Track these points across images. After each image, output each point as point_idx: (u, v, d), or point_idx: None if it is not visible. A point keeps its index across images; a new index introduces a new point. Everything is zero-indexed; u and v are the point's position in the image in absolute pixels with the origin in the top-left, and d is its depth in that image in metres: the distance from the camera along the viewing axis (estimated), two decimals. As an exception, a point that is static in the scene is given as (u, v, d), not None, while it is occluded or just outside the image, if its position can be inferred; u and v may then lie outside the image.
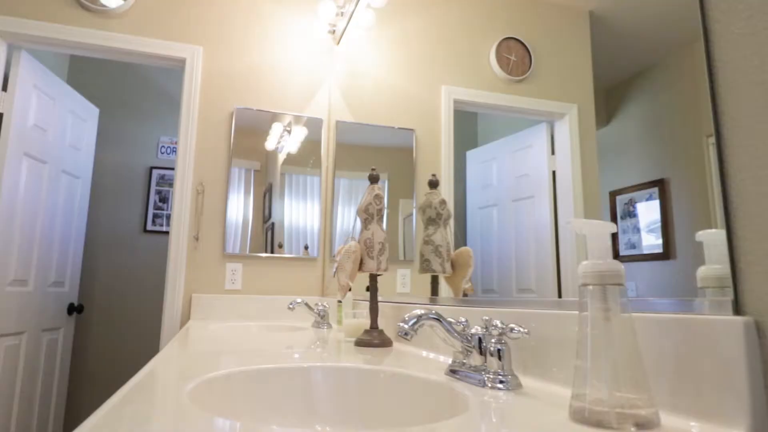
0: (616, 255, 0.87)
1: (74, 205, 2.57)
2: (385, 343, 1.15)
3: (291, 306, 1.76)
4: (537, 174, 1.21)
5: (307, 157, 2.32)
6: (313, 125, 2.33)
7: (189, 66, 2.19)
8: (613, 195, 0.92)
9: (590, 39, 1.03)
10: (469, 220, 1.44)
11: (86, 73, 3.05)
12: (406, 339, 0.68)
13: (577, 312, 0.67)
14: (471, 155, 1.63)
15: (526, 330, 0.64)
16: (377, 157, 2.21)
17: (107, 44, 2.11)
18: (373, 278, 1.22)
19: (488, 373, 0.68)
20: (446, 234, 1.24)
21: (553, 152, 1.15)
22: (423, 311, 0.71)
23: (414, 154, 1.84)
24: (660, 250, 0.72)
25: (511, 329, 0.65)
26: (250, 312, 2.08)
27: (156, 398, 0.58)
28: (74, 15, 2.10)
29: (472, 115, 1.58)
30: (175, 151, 3.15)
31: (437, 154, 1.71)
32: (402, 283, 1.76)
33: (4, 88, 2.07)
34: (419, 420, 0.68)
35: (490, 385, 0.66)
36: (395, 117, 1.95)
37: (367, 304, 1.53)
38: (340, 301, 1.59)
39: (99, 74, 3.07)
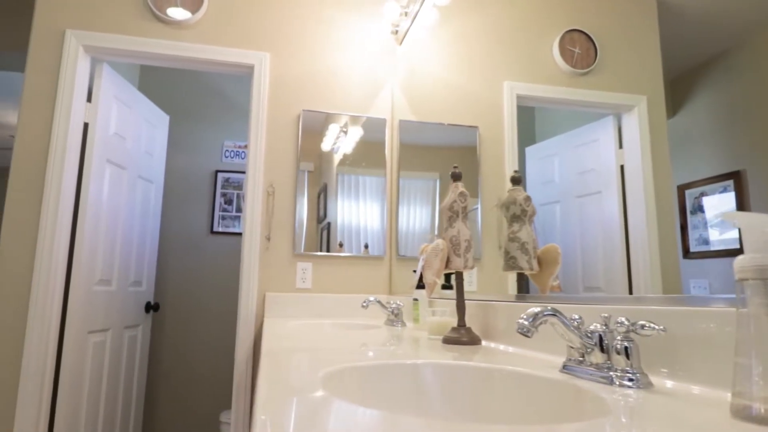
0: (687, 251, 0.83)
1: (149, 209, 2.70)
2: (473, 341, 1.15)
3: (365, 304, 1.78)
4: (603, 169, 1.18)
5: (364, 157, 2.34)
6: (375, 125, 2.35)
7: (257, 72, 2.26)
8: (682, 189, 0.88)
9: (658, 27, 0.99)
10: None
11: (155, 81, 3.20)
12: (526, 336, 0.68)
13: (703, 308, 0.65)
14: (530, 151, 1.60)
15: (661, 327, 0.62)
16: (431, 156, 2.21)
17: (181, 54, 2.21)
18: (459, 276, 1.22)
19: (614, 370, 0.66)
20: (531, 231, 1.22)
21: (620, 146, 1.11)
22: (540, 308, 0.70)
23: (478, 152, 1.83)
24: (737, 246, 0.68)
25: (642, 326, 0.64)
26: (320, 310, 2.13)
27: (288, 395, 0.60)
28: (151, 28, 2.21)
29: (529, 111, 1.56)
30: (239, 155, 3.26)
31: (501, 150, 1.69)
32: (468, 281, 1.75)
33: (89, 100, 2.20)
34: (545, 419, 0.68)
35: (618, 383, 0.65)
36: (457, 115, 1.94)
37: (445, 302, 1.53)
38: (415, 299, 1.60)
39: (166, 82, 3.22)
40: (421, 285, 1.62)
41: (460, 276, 1.22)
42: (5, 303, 1.91)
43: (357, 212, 2.29)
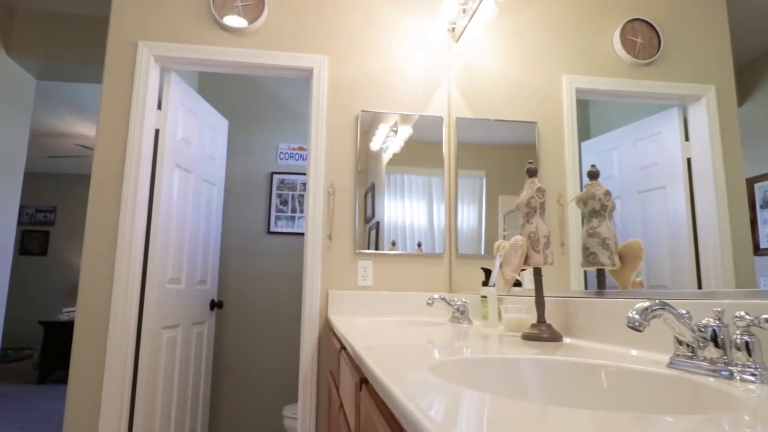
0: (756, 248, 0.79)
1: (212, 210, 2.80)
2: (555, 337, 1.14)
3: (430, 301, 1.80)
4: (668, 162, 1.14)
5: (415, 155, 2.35)
6: (429, 124, 2.36)
7: (316, 75, 2.31)
8: (751, 182, 0.84)
9: (727, 12, 0.95)
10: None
11: (212, 87, 3.32)
12: (638, 330, 0.67)
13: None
14: (587, 146, 1.56)
15: (790, 320, 0.61)
16: (479, 154, 2.19)
17: (244, 60, 2.29)
18: (538, 272, 1.21)
19: (733, 365, 0.65)
20: (611, 226, 1.20)
21: (686, 138, 1.08)
22: (649, 302, 0.70)
23: (537, 147, 1.80)
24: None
25: (766, 320, 0.62)
26: (381, 307, 2.16)
27: (419, 385, 0.62)
28: (215, 36, 2.30)
29: (583, 105, 1.53)
30: (293, 157, 3.34)
31: (560, 145, 1.66)
32: (521, 278, 1.73)
33: (159, 107, 2.31)
34: (664, 413, 0.67)
35: (739, 377, 0.63)
36: (515, 110, 1.92)
37: (517, 298, 1.52)
38: (483, 297, 1.60)
39: (223, 87, 3.33)
40: (488, 282, 1.62)
41: (538, 272, 1.21)
42: (92, 301, 2.03)
43: (407, 211, 2.30)
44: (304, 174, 3.33)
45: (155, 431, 2.17)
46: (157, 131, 2.29)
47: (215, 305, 2.79)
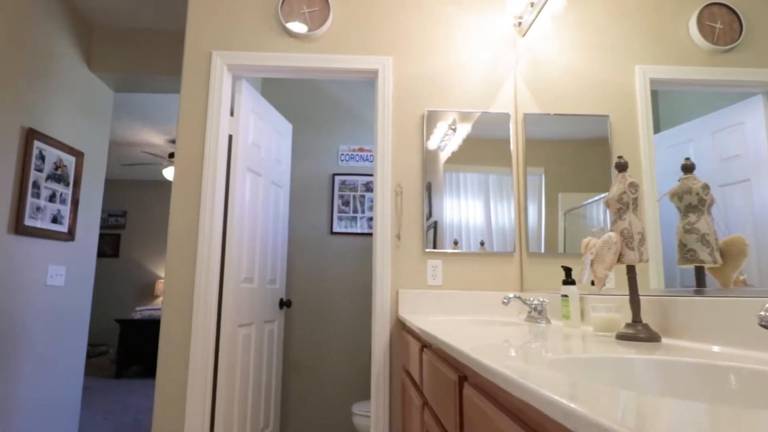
0: None
1: (279, 212, 2.89)
2: (653, 337, 1.10)
3: (505, 300, 1.78)
4: (752, 154, 1.07)
5: (477, 153, 2.32)
6: (491, 120, 2.33)
7: (381, 76, 2.34)
8: None
9: None
10: (662, 208, 1.32)
11: (275, 91, 3.42)
12: (773, 329, 0.64)
13: None
14: (658, 139, 1.49)
15: None
16: (539, 150, 2.14)
17: (310, 65, 2.35)
18: (632, 270, 1.17)
19: None
20: (711, 221, 1.14)
21: None
22: (782, 300, 0.66)
23: (609, 141, 1.75)
24: None
25: None
26: (451, 306, 2.15)
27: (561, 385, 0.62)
28: (283, 43, 2.37)
29: (652, 96, 1.47)
30: (353, 158, 3.39)
31: (634, 139, 1.60)
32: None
33: (232, 114, 2.41)
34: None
35: None
36: (585, 104, 1.86)
37: (606, 297, 1.48)
38: (564, 296, 1.57)
39: (285, 91, 3.43)
40: (569, 281, 1.59)
41: (632, 270, 1.17)
42: (176, 300, 2.15)
43: (466, 210, 2.28)
44: (365, 175, 3.37)
45: (233, 423, 2.26)
46: (230, 137, 2.39)
47: (284, 304, 2.88)
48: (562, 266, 1.60)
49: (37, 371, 2.75)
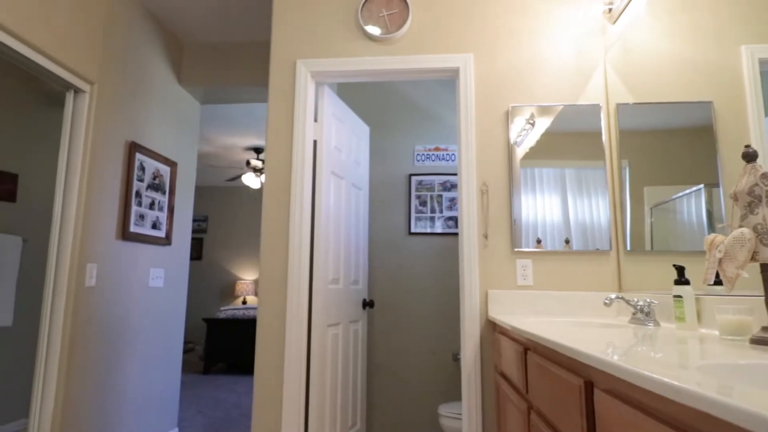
0: None
1: (359, 213, 2.94)
2: (798, 342, 1.00)
3: (607, 301, 1.69)
4: None
5: (556, 147, 2.23)
6: (581, 112, 2.23)
7: (462, 74, 2.31)
8: None
9: None
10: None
11: (350, 94, 3.48)
12: None
13: None
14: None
15: None
16: (623, 141, 2.00)
17: (390, 67, 2.36)
18: (766, 268, 1.07)
19: None
20: None
21: None
22: None
23: (714, 129, 1.62)
24: None
25: None
26: (543, 307, 2.08)
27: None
28: (363, 47, 2.40)
29: (762, 78, 1.33)
30: (429, 158, 3.38)
31: (742, 125, 1.46)
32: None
33: (316, 119, 2.48)
34: None
35: None
36: (683, 91, 1.73)
37: (729, 298, 1.37)
38: (677, 296, 1.47)
39: (360, 94, 3.48)
40: (682, 280, 1.48)
41: (766, 269, 1.08)
42: (271, 301, 2.24)
43: (545, 206, 2.19)
44: (441, 174, 3.35)
45: (326, 420, 2.32)
46: (314, 142, 2.45)
47: (366, 304, 2.92)
48: (674, 265, 1.50)
49: (142, 367, 2.97)
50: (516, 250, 2.15)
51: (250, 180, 6.01)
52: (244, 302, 7.31)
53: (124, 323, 2.79)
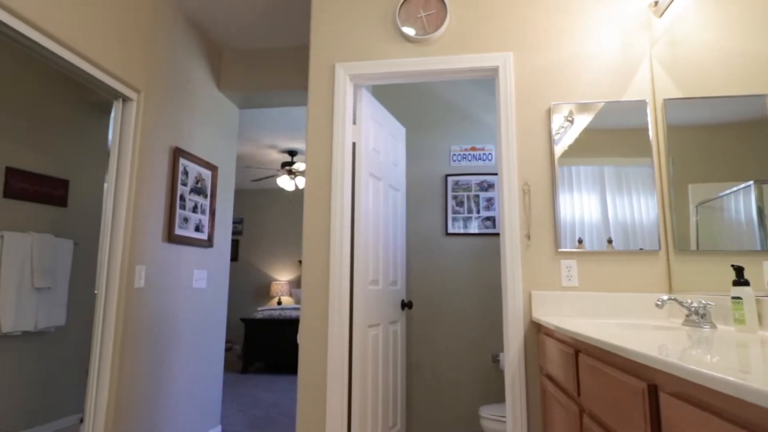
0: None
1: (397, 214, 2.95)
2: None
3: (659, 303, 1.65)
4: None
5: (596, 145, 2.18)
6: (624, 108, 2.17)
7: (502, 72, 2.29)
8: None
9: None
10: None
11: (386, 95, 3.49)
12: None
13: None
14: None
15: None
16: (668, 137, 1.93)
17: (428, 68, 2.36)
18: (840, 269, 1.03)
19: None
20: None
21: None
22: None
23: None
24: None
25: None
26: (589, 308, 2.04)
27: None
28: (401, 49, 2.41)
29: None
30: (465, 158, 3.36)
31: None
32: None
33: (354, 122, 2.50)
34: None
35: None
36: (735, 84, 1.67)
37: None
38: (736, 298, 1.41)
39: (396, 95, 3.49)
40: (741, 281, 1.43)
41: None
42: (314, 303, 2.27)
43: (583, 205, 2.15)
44: (478, 174, 3.32)
45: (368, 420, 2.33)
46: (353, 144, 2.47)
47: (405, 305, 2.92)
48: (732, 265, 1.44)
49: (186, 366, 3.06)
50: (560, 250, 2.11)
51: (285, 182, 6.11)
52: (279, 303, 7.42)
53: (171, 323, 2.88)
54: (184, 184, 3.05)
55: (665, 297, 1.65)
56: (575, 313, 2.05)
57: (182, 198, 3.02)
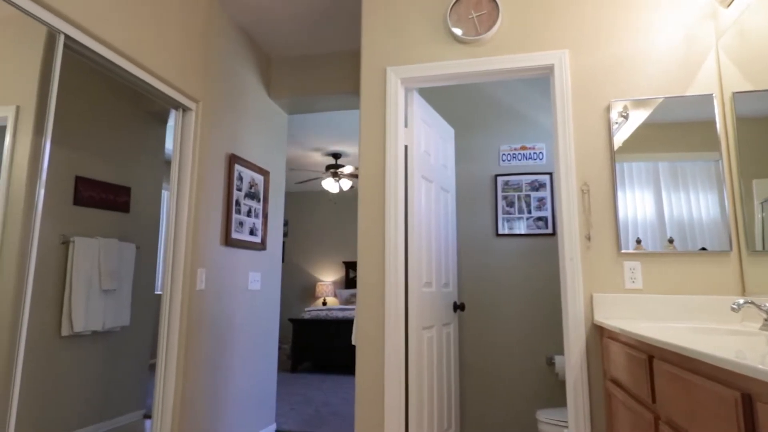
0: None
1: (448, 216, 2.94)
2: None
3: (735, 306, 1.58)
4: None
5: (654, 140, 2.10)
6: (687, 102, 2.09)
7: (558, 70, 2.25)
8: None
9: None
10: None
11: (434, 96, 3.49)
12: None
13: None
14: None
15: None
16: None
17: (480, 69, 2.35)
18: None
19: None
20: None
21: None
22: None
23: None
24: None
25: None
26: (654, 311, 1.98)
27: None
28: (452, 50, 2.40)
29: None
30: (515, 157, 3.31)
31: None
32: None
33: (406, 125, 2.51)
34: None
35: None
36: None
37: None
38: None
39: (444, 96, 3.48)
40: (829, 284, 1.35)
41: None
42: (370, 305, 2.30)
43: (643, 204, 2.07)
44: (528, 174, 3.27)
45: (424, 421, 2.34)
46: (406, 147, 2.49)
47: (457, 307, 2.91)
48: (819, 267, 1.37)
49: (243, 365, 3.16)
50: (623, 251, 2.06)
51: (330, 185, 6.20)
52: (324, 303, 7.54)
53: (229, 324, 2.98)
54: (239, 189, 3.15)
55: (741, 300, 1.58)
56: (639, 317, 1.99)
57: (237, 203, 3.12)
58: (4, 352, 1.90)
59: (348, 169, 6.03)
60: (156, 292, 4.43)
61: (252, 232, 3.29)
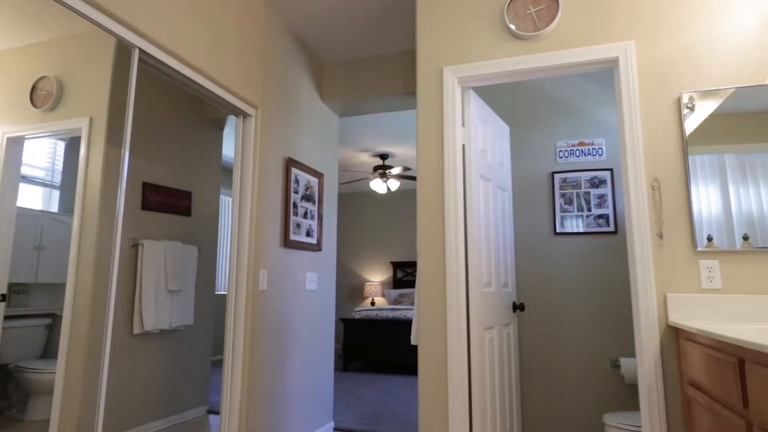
0: None
1: (505, 215, 2.90)
2: None
3: (831, 307, 1.48)
4: None
5: (724, 131, 1.99)
6: (764, 92, 1.97)
7: (623, 63, 2.17)
8: None
9: None
10: None
11: (488, 93, 3.45)
12: None
13: None
14: None
15: None
16: None
17: (539, 65, 2.30)
18: None
19: None
20: None
21: None
22: None
23: None
24: None
25: None
26: (733, 313, 1.88)
27: None
28: (511, 47, 2.37)
29: None
30: (573, 154, 3.22)
31: None
32: None
33: (463, 124, 2.50)
34: None
35: None
36: None
37: None
38: None
39: (498, 93, 3.43)
40: None
41: None
42: (431, 305, 2.30)
43: (713, 199, 1.96)
44: (587, 171, 3.18)
45: (488, 422, 2.32)
46: (463, 146, 2.47)
47: (517, 307, 2.87)
48: None
49: (303, 364, 3.23)
50: (698, 250, 1.96)
51: (378, 185, 6.24)
52: (373, 303, 7.59)
53: (289, 324, 3.05)
54: (296, 192, 3.22)
55: (839, 301, 1.48)
56: (717, 318, 1.89)
57: (295, 205, 3.19)
58: (92, 350, 2.03)
59: (396, 170, 6.05)
60: (216, 292, 4.60)
61: (308, 234, 3.36)
